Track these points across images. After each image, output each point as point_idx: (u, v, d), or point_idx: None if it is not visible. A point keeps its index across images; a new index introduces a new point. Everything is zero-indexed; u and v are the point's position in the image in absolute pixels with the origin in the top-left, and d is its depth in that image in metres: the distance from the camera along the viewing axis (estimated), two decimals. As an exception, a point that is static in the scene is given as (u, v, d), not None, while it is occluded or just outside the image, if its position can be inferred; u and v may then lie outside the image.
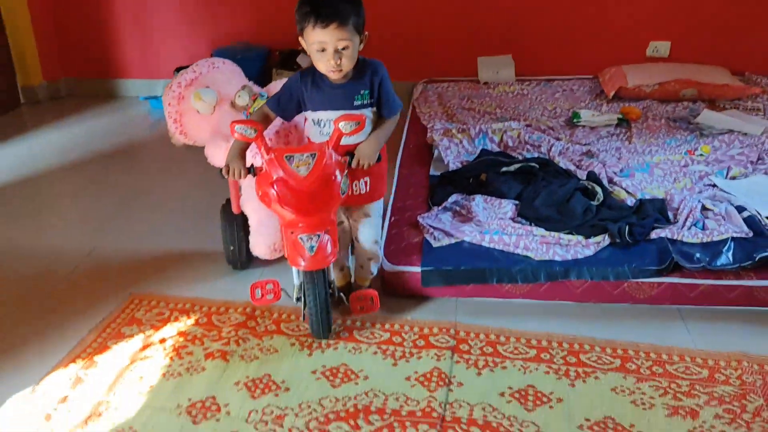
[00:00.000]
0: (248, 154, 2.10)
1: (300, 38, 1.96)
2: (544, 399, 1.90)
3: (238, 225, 2.44)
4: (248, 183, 2.27)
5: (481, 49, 4.28)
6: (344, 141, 1.99)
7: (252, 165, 2.03)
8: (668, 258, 2.23)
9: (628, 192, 2.70)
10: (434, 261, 2.31)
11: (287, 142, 2.32)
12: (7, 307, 2.39)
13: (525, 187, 2.70)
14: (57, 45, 4.53)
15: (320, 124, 2.05)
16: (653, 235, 2.36)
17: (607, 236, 2.35)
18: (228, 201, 2.46)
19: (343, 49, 1.91)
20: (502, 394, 1.92)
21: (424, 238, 2.43)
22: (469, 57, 4.27)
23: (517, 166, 2.86)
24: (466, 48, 4.28)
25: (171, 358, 2.09)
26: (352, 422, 1.82)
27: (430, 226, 2.47)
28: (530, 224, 2.46)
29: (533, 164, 2.88)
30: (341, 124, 1.92)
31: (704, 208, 2.52)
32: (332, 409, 1.87)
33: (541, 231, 2.40)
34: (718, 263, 2.21)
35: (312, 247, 1.96)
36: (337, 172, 1.96)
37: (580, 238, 2.36)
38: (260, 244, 2.39)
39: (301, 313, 2.19)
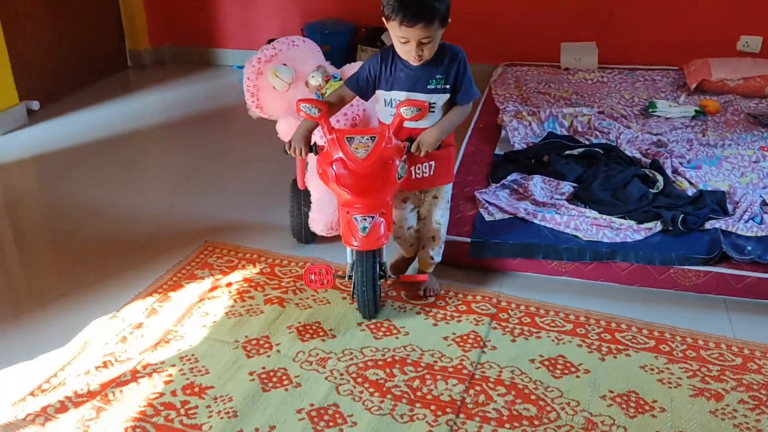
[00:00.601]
0: (315, 133, 2.13)
1: (383, 19, 1.97)
2: (572, 369, 1.99)
3: (302, 201, 2.53)
4: (312, 163, 2.33)
5: (565, 35, 4.28)
6: (410, 125, 2.01)
7: (314, 143, 2.08)
8: (717, 248, 2.25)
9: (690, 183, 2.70)
10: (484, 233, 2.42)
11: (354, 125, 2.36)
12: (97, 248, 2.68)
13: (585, 171, 2.76)
14: (164, 13, 4.87)
15: (391, 105, 2.06)
16: (707, 225, 2.38)
17: (659, 223, 2.39)
18: (294, 181, 2.56)
19: (426, 42, 1.93)
20: (533, 361, 2.02)
21: (478, 211, 2.54)
22: (553, 42, 4.29)
23: (580, 150, 2.91)
24: (550, 33, 4.29)
25: (234, 300, 2.31)
26: (387, 371, 1.98)
27: (486, 201, 2.58)
28: (585, 206, 2.52)
29: (598, 150, 2.92)
30: (402, 109, 1.94)
31: (764, 203, 2.50)
32: (371, 358, 2.04)
33: (594, 213, 2.46)
34: (759, 252, 2.21)
35: (365, 228, 2.00)
36: (396, 157, 1.99)
37: (632, 222, 2.41)
38: (318, 221, 2.44)
39: (351, 292, 2.23)
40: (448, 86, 2.03)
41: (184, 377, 1.97)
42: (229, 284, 2.40)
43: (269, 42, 2.51)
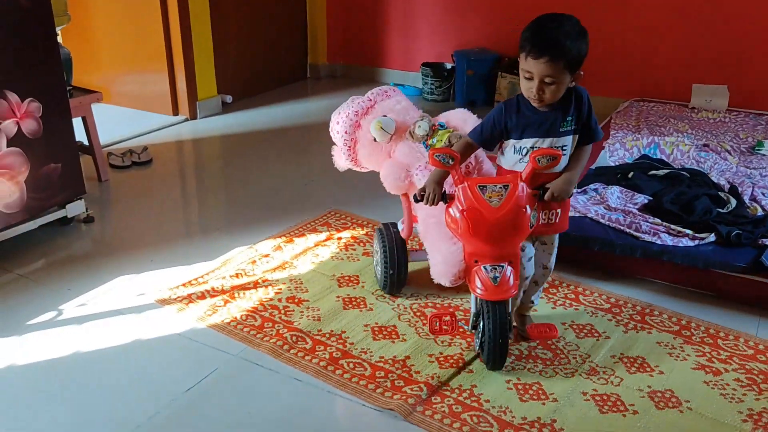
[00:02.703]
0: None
1: (518, 58, 1.98)
2: (595, 334, 2.35)
3: (399, 250, 2.49)
4: (429, 212, 2.27)
5: (697, 76, 4.49)
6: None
7: (445, 191, 2.08)
8: (758, 260, 2.48)
9: (765, 210, 2.90)
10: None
11: (467, 173, 2.34)
12: (253, 202, 3.44)
13: (664, 188, 3.05)
14: (341, 35, 5.70)
15: (521, 152, 2.04)
16: (762, 241, 2.60)
17: (713, 235, 2.65)
18: (385, 225, 2.57)
19: (550, 83, 1.92)
20: (564, 324, 2.41)
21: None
22: (684, 82, 4.51)
23: (666, 171, 3.20)
24: (681, 73, 4.52)
25: (340, 249, 2.92)
26: (442, 310, 2.47)
27: (564, 201, 2.97)
28: (652, 216, 2.84)
29: (684, 173, 3.19)
30: (537, 158, 1.94)
31: (825, 231, 2.66)
32: (432, 301, 2.54)
33: (656, 220, 2.77)
34: (805, 273, 2.41)
35: (496, 278, 1.98)
36: (528, 205, 1.99)
37: (689, 231, 2.69)
38: (446, 273, 2.28)
39: (476, 342, 2.21)
40: (577, 127, 2.03)
41: (289, 291, 2.60)
42: (339, 238, 3.02)
43: (423, 65, 2.69)
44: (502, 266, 2.00)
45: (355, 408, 2.02)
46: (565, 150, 2.03)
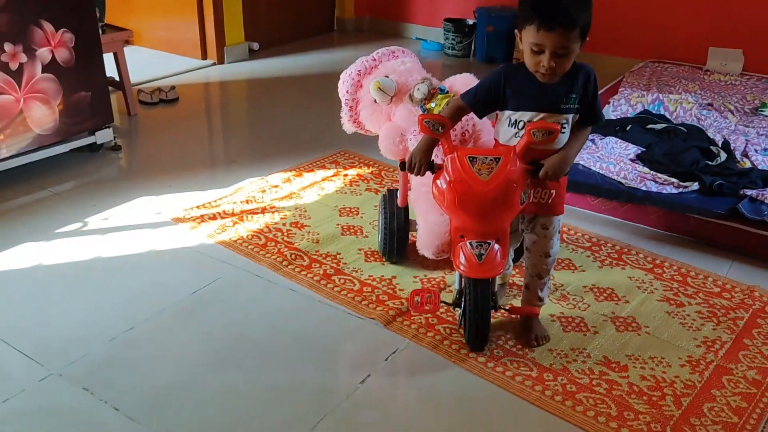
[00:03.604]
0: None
1: (516, 31, 1.84)
2: (572, 267, 2.52)
3: (399, 218, 2.41)
4: (420, 181, 2.19)
5: (714, 39, 4.53)
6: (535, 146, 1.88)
7: (433, 161, 1.96)
8: (732, 205, 2.61)
9: (753, 164, 3.01)
10: (546, 169, 2.97)
11: (462, 141, 2.23)
12: (272, 139, 3.66)
13: (659, 141, 3.17)
14: (370, -11, 5.84)
15: (516, 125, 1.91)
16: (742, 192, 2.73)
17: (697, 184, 2.78)
18: (389, 191, 2.49)
19: (562, 55, 1.78)
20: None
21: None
22: (701, 45, 4.56)
23: (663, 125, 3.32)
24: (699, 36, 4.57)
25: (345, 184, 3.12)
26: (432, 241, 2.65)
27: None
28: (642, 165, 2.97)
29: (681, 128, 3.30)
30: (533, 132, 1.81)
31: (806, 184, 2.77)
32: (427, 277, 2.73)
33: (644, 169, 2.91)
34: (778, 219, 2.54)
35: (481, 255, 1.88)
36: (520, 181, 1.87)
37: (675, 180, 2.82)
38: (429, 244, 2.23)
39: (458, 320, 2.14)
40: (578, 106, 1.90)
41: (293, 217, 2.82)
42: (345, 175, 3.21)
43: (446, 20, 2.64)
44: (489, 243, 1.90)
45: (342, 316, 2.23)
46: (564, 128, 1.89)
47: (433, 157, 1.97)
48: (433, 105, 2.24)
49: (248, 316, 2.22)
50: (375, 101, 2.33)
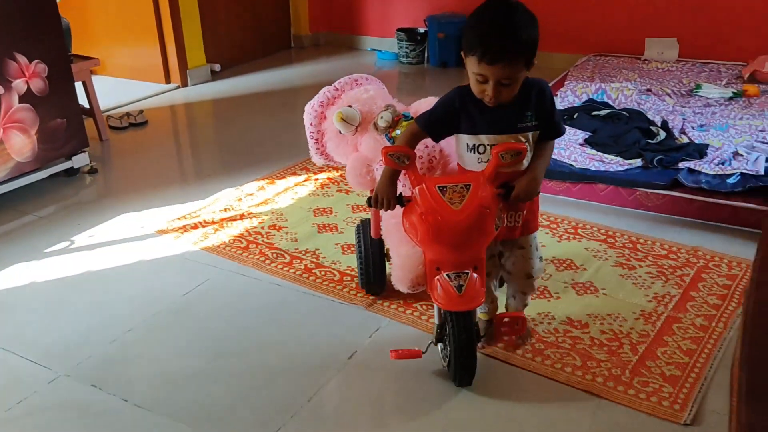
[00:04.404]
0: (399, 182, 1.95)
1: (462, 54, 1.80)
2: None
3: (373, 250, 2.34)
4: (390, 213, 2.06)
5: (651, 30, 4.85)
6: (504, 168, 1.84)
7: (401, 194, 1.91)
8: (673, 176, 2.87)
9: (690, 140, 3.28)
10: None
11: (430, 168, 2.14)
12: (241, 151, 3.82)
13: (603, 126, 3.42)
14: (322, 5, 6.04)
15: (478, 150, 1.86)
16: (681, 165, 2.98)
17: (640, 160, 3.03)
18: (363, 221, 2.40)
19: (507, 84, 1.75)
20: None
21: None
22: (639, 37, 4.88)
23: (607, 111, 3.58)
24: (637, 28, 4.88)
25: (317, 187, 3.30)
26: (403, 231, 2.85)
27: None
28: (590, 148, 3.21)
29: (623, 112, 3.56)
30: (501, 154, 1.77)
31: (737, 154, 3.04)
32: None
33: (592, 151, 3.15)
34: (713, 184, 2.79)
35: (460, 286, 1.80)
36: (493, 206, 1.81)
37: (620, 159, 3.07)
38: (403, 279, 2.22)
39: (441, 356, 2.04)
40: (537, 122, 1.86)
41: (271, 221, 2.99)
42: (316, 179, 3.40)
43: (398, 30, 2.65)
44: (467, 273, 1.82)
45: (326, 303, 2.41)
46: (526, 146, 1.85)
47: (400, 189, 1.92)
48: (398, 132, 2.13)
49: (239, 310, 2.38)
50: (340, 132, 2.24)
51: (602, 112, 3.58)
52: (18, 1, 3.01)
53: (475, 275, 1.84)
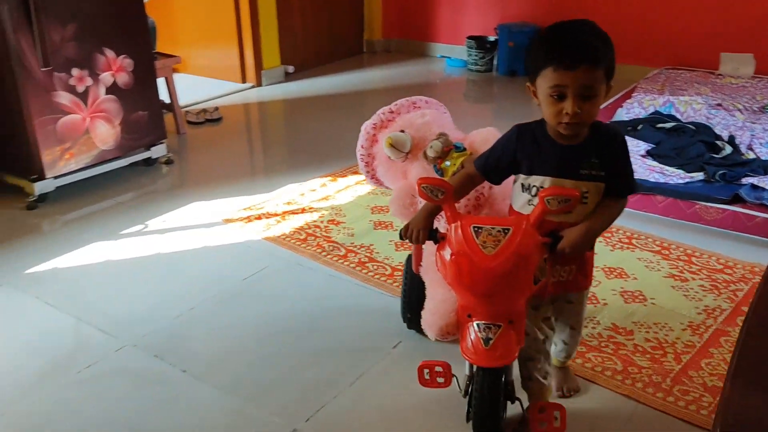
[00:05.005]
0: (439, 217, 1.78)
1: (528, 85, 1.63)
2: (585, 251, 2.76)
3: (414, 285, 2.19)
4: (431, 250, 1.98)
5: (726, 44, 4.75)
6: (555, 217, 1.63)
7: (436, 228, 1.74)
8: (734, 191, 2.83)
9: (757, 156, 3.22)
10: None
11: (477, 206, 2.01)
12: (308, 148, 3.98)
13: (667, 138, 3.40)
14: (395, 12, 6.17)
15: (531, 191, 1.67)
16: (744, 180, 2.94)
17: (702, 174, 3.00)
18: (410, 255, 2.23)
19: (588, 97, 1.53)
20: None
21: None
22: (714, 51, 4.78)
23: (672, 124, 3.54)
24: (712, 42, 4.79)
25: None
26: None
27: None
28: (651, 159, 3.20)
29: (690, 126, 3.52)
30: (547, 199, 1.56)
31: (805, 172, 2.97)
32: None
33: (653, 162, 3.14)
34: (777, 202, 2.75)
35: (488, 340, 1.62)
36: (534, 256, 1.59)
37: (681, 171, 3.05)
38: (432, 324, 2.07)
39: (465, 410, 1.82)
40: (603, 173, 1.63)
41: (330, 216, 3.11)
42: (377, 178, 3.51)
43: (468, 38, 2.50)
44: (499, 326, 1.63)
45: (376, 295, 2.50)
46: (585, 198, 1.63)
47: (437, 225, 1.77)
48: (447, 164, 2.02)
49: (293, 296, 2.51)
50: (390, 158, 2.12)
51: (667, 125, 3.55)
52: (108, 0, 3.25)
53: (509, 330, 1.63)
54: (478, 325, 1.64)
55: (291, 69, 5.51)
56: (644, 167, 3.10)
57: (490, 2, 5.61)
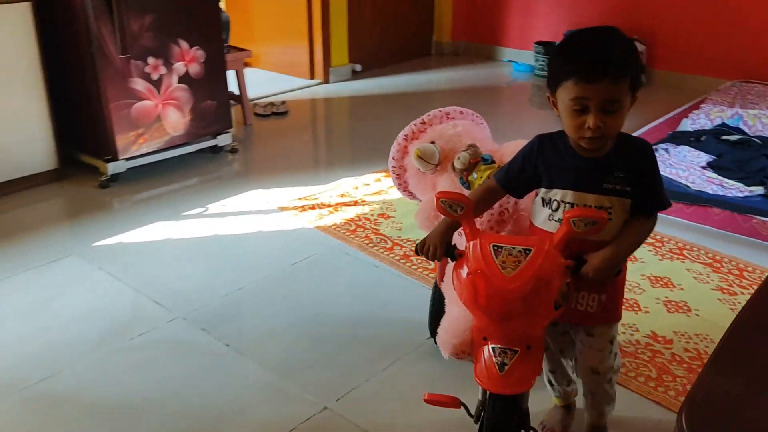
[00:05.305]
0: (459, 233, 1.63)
1: (548, 96, 1.54)
2: (632, 259, 2.73)
3: (437, 296, 2.15)
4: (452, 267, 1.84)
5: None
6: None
7: (454, 245, 1.62)
8: (795, 207, 2.75)
9: (826, 173, 3.11)
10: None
11: (500, 222, 1.89)
12: (367, 143, 4.07)
13: (731, 151, 3.31)
14: (465, 15, 6.20)
15: (551, 206, 1.57)
16: (807, 196, 2.85)
17: (762, 188, 2.92)
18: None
19: (611, 111, 1.44)
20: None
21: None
22: (792, 66, 4.62)
23: (738, 137, 3.45)
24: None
25: (430, 184, 3.47)
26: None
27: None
28: (711, 171, 3.13)
29: (756, 139, 3.42)
30: (573, 221, 1.45)
31: None
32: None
33: (713, 175, 3.07)
34: (838, 220, 2.65)
35: (503, 365, 1.51)
36: (555, 279, 1.48)
37: (740, 185, 2.98)
38: (446, 342, 1.92)
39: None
40: (629, 188, 1.52)
41: (380, 210, 3.19)
42: (431, 177, 3.56)
43: (536, 43, 2.54)
44: (515, 351, 1.52)
45: (417, 288, 2.56)
46: (609, 213, 1.51)
47: (455, 241, 1.64)
48: (474, 177, 1.94)
49: (337, 283, 2.60)
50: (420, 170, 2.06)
51: (732, 137, 3.46)
52: (186, -6, 3.43)
53: (526, 356, 1.52)
54: (493, 348, 1.54)
55: (358, 67, 5.63)
56: (703, 179, 3.05)
57: (560, 8, 5.58)
